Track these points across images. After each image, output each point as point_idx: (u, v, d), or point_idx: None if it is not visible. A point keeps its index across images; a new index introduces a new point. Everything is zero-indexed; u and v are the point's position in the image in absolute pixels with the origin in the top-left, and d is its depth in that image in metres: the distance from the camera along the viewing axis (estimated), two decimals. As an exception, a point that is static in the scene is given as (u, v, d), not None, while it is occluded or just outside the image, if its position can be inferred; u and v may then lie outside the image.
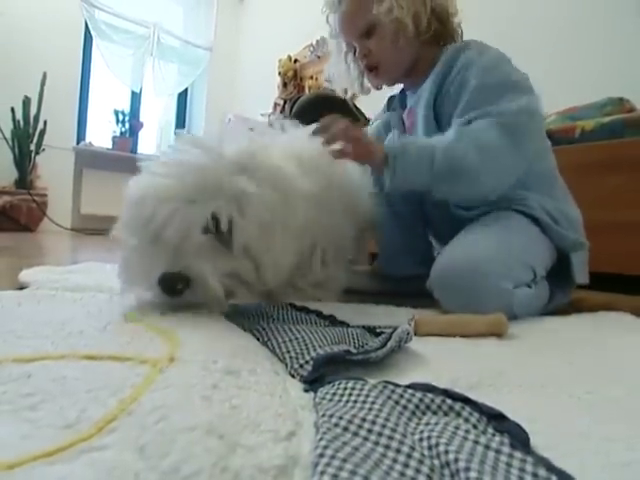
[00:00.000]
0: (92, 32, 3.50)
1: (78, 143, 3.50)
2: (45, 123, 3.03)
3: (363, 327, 0.51)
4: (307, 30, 3.22)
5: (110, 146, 3.63)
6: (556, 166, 0.81)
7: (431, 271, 0.66)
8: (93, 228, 3.41)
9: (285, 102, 3.03)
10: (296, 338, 0.41)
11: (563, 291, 0.74)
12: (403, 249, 0.90)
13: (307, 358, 0.36)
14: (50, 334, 0.36)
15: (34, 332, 0.36)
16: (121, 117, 3.66)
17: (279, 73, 3.18)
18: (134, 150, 3.82)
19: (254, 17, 4.06)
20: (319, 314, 0.59)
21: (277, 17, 3.69)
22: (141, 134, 3.94)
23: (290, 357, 0.37)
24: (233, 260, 0.52)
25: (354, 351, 0.37)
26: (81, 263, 1.05)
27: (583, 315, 0.62)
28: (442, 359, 0.40)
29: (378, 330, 0.49)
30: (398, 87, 1.03)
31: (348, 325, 0.53)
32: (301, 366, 0.35)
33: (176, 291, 0.47)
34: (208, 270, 0.48)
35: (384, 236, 0.88)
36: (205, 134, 0.59)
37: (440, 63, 0.80)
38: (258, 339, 0.45)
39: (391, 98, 1.03)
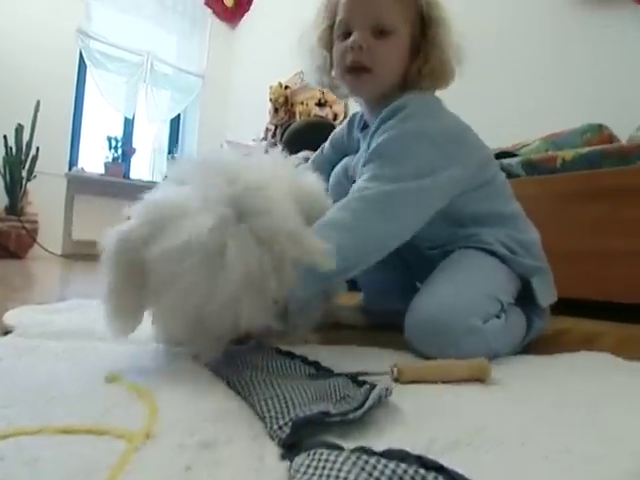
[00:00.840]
0: (86, 61, 3.56)
1: (70, 169, 3.51)
2: (37, 150, 3.05)
3: (346, 376, 0.51)
4: (297, 57, 3.31)
5: (102, 172, 3.64)
6: (510, 195, 0.80)
7: (405, 325, 0.65)
8: (84, 253, 3.39)
9: (276, 127, 3.08)
10: (277, 395, 0.41)
11: (539, 316, 0.74)
12: (385, 286, 0.90)
13: (286, 419, 0.36)
14: (29, 399, 0.35)
15: (13, 398, 0.36)
16: (114, 143, 3.69)
17: (270, 99, 3.24)
18: (127, 175, 3.84)
19: (246, 45, 4.15)
20: (304, 359, 0.59)
21: (268, 45, 3.78)
22: (134, 159, 3.98)
23: (270, 417, 0.38)
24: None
25: (333, 411, 0.37)
26: (68, 300, 1.04)
27: (564, 356, 0.62)
28: (422, 414, 0.40)
29: (361, 379, 0.49)
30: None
31: (332, 373, 0.54)
32: (280, 428, 0.36)
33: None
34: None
35: (366, 274, 0.87)
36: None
37: (379, 119, 0.73)
38: (240, 394, 0.45)
39: (355, 116, 0.92)
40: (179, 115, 4.21)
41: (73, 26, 3.46)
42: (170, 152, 4.20)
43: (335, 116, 2.86)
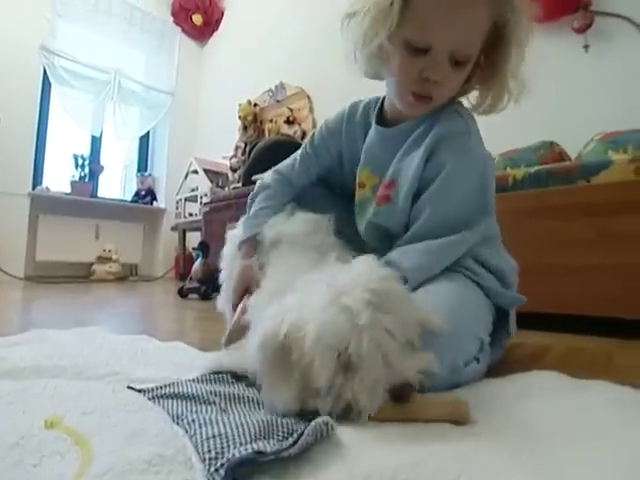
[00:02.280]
0: (51, 79, 3.50)
1: (34, 188, 3.41)
2: (-2, 169, 2.95)
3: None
4: (266, 75, 3.35)
5: (69, 191, 3.55)
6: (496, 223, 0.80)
7: None
8: (49, 275, 3.28)
9: (246, 145, 3.10)
10: (219, 434, 0.42)
11: (500, 343, 0.75)
12: None
13: (223, 461, 0.37)
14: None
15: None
16: (80, 161, 3.61)
17: (239, 117, 3.26)
18: (94, 194, 3.76)
19: (215, 63, 4.18)
20: (260, 387, 0.60)
21: (237, 63, 3.81)
22: (102, 178, 3.90)
23: (209, 458, 0.38)
24: None
25: (268, 450, 0.38)
26: (28, 332, 1.00)
27: (516, 378, 0.64)
28: (365, 449, 0.41)
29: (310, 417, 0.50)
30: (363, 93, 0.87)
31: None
32: (216, 470, 0.36)
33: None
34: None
35: None
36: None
37: (433, 134, 0.70)
38: (187, 432, 0.45)
39: (354, 106, 0.86)
40: (148, 132, 4.16)
41: (36, 43, 3.40)
42: (139, 170, 4.15)
43: (304, 133, 2.89)
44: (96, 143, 3.88)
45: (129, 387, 0.58)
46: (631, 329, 1.04)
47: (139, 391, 0.57)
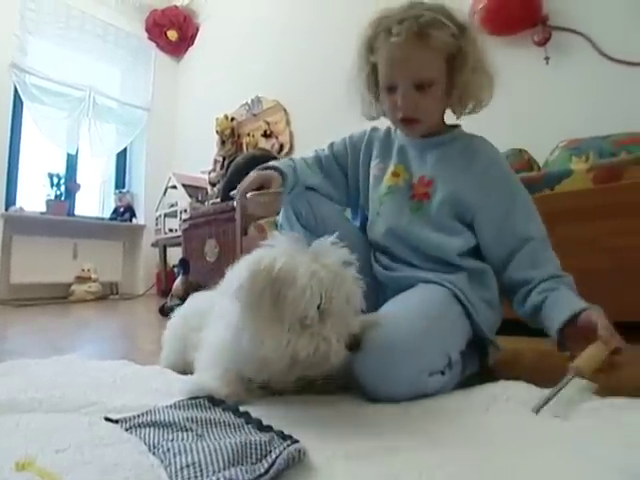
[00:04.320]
0: (22, 97, 3.44)
1: (7, 209, 3.34)
2: (-32, 192, 2.88)
3: (274, 432, 0.53)
4: (242, 89, 3.38)
5: (44, 210, 3.49)
6: None
7: (359, 355, 0.63)
8: (25, 298, 3.20)
9: (224, 159, 3.10)
10: (193, 463, 0.43)
11: (473, 362, 0.77)
12: None
13: (196, 491, 0.38)
14: None
15: None
16: (56, 180, 3.55)
17: (217, 131, 3.27)
18: (71, 213, 3.70)
19: (191, 78, 4.19)
20: (235, 411, 0.61)
21: (213, 77, 3.83)
22: (79, 196, 3.84)
23: (183, 489, 0.39)
24: None
25: (240, 478, 0.39)
26: (3, 362, 0.98)
27: (485, 388, 0.67)
28: (334, 470, 0.43)
29: (287, 433, 0.52)
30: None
31: (260, 426, 0.55)
32: (189, 501, 0.37)
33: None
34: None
35: None
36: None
37: (462, 143, 0.86)
38: (162, 462, 0.46)
39: (375, 130, 0.99)
40: (125, 149, 4.13)
41: (6, 61, 3.35)
42: (117, 187, 4.10)
43: (281, 146, 2.92)
44: (72, 161, 3.82)
45: (106, 418, 0.59)
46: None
47: (116, 422, 0.58)
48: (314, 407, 0.62)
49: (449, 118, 0.92)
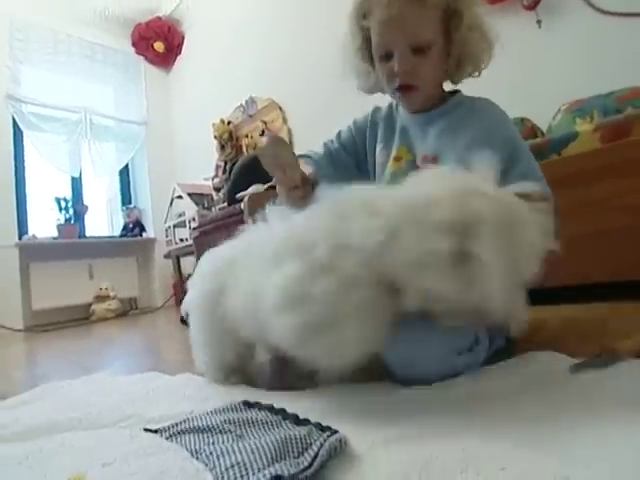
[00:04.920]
0: (21, 126, 3.49)
1: (20, 238, 3.39)
2: (-18, 225, 2.94)
3: (312, 424, 0.53)
4: (235, 91, 3.37)
5: (56, 235, 3.54)
6: None
7: (385, 342, 0.62)
8: (48, 323, 3.27)
9: (226, 163, 3.11)
10: (237, 463, 0.44)
11: (499, 336, 0.75)
12: None
13: (244, 490, 0.39)
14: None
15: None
16: (63, 204, 3.60)
17: (215, 137, 3.27)
18: (82, 234, 3.75)
19: (182, 87, 4.19)
20: (271, 409, 0.62)
21: (205, 83, 3.83)
22: (88, 216, 3.89)
23: (231, 489, 0.40)
24: None
25: (286, 474, 0.40)
26: (37, 387, 1.00)
27: (513, 363, 0.67)
28: (376, 456, 0.43)
29: (325, 425, 0.52)
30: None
31: (297, 421, 0.56)
32: (239, 501, 0.38)
33: None
34: None
35: None
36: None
37: (465, 108, 0.82)
38: (207, 465, 0.47)
39: (377, 110, 0.96)
40: (127, 165, 4.16)
41: (1, 92, 3.39)
42: (124, 203, 4.14)
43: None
44: (77, 183, 3.87)
45: (145, 429, 0.60)
46: (621, 292, 1.07)
47: (155, 431, 0.59)
48: (347, 397, 0.63)
49: (448, 86, 0.89)
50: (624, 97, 1.41)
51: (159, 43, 4.04)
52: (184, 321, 2.18)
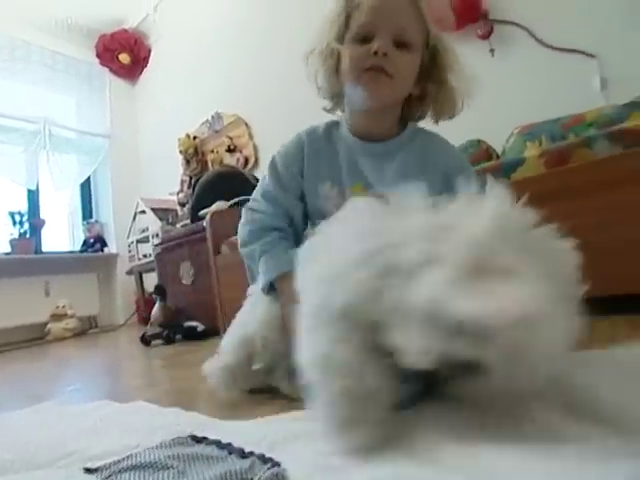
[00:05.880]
0: (-28, 136, 3.33)
1: (-30, 254, 3.21)
2: None
3: (256, 456, 0.53)
4: (201, 106, 3.35)
5: (9, 250, 3.37)
6: None
7: None
8: (0, 344, 3.08)
9: (191, 178, 3.08)
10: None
11: None
12: None
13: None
14: None
15: None
16: (18, 218, 3.43)
17: (180, 151, 3.24)
18: (38, 250, 3.59)
19: (149, 99, 4.13)
20: (218, 443, 0.61)
21: (171, 97, 3.79)
22: (46, 231, 3.73)
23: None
24: None
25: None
26: None
27: None
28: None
29: (268, 457, 0.52)
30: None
31: (243, 454, 0.56)
32: None
33: None
34: None
35: None
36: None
37: (420, 147, 0.77)
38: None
39: (312, 136, 0.84)
40: (89, 178, 4.04)
41: (-48, 101, 3.24)
42: (85, 217, 4.01)
43: (246, 160, 2.92)
44: (33, 196, 3.71)
45: (85, 469, 0.57)
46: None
47: (95, 470, 0.57)
48: (297, 424, 0.63)
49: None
50: (567, 124, 1.51)
51: (125, 55, 3.98)
52: (145, 340, 2.13)
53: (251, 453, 0.54)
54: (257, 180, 2.19)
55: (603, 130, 1.16)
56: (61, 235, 3.93)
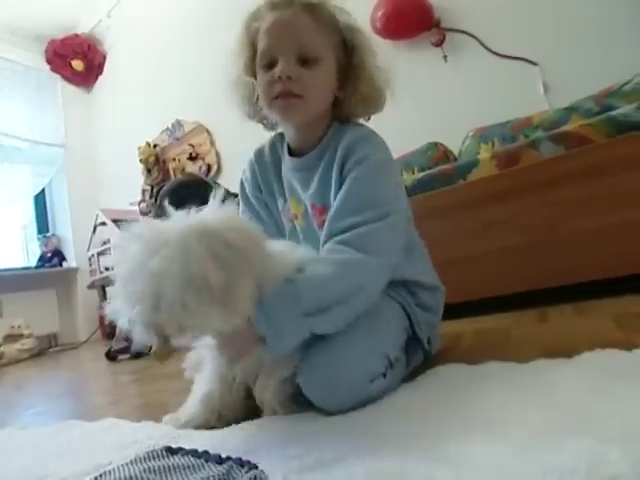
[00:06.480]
0: None
1: None
2: None
3: (232, 461, 0.54)
4: (161, 114, 3.29)
5: (-44, 270, 3.16)
6: (417, 239, 0.86)
7: (299, 368, 0.65)
8: (-51, 370, 2.87)
9: (152, 187, 3.01)
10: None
11: (416, 352, 0.80)
12: None
13: None
14: None
15: None
16: (-35, 235, 3.24)
17: (140, 160, 3.16)
18: (-11, 267, 3.39)
19: (105, 107, 4.00)
20: (194, 453, 0.61)
21: (129, 105, 3.69)
22: (-5, 247, 3.53)
23: None
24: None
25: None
26: None
27: (423, 378, 0.72)
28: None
29: (245, 460, 0.53)
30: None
31: (220, 460, 0.56)
32: None
33: None
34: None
35: None
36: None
37: (342, 146, 0.74)
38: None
39: (260, 158, 0.88)
40: (44, 190, 3.86)
41: None
42: (41, 231, 3.82)
43: (209, 167, 2.89)
44: (-18, 211, 3.51)
45: (55, 491, 0.56)
46: (524, 301, 1.20)
47: (66, 492, 0.55)
48: (271, 429, 0.64)
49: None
50: (516, 126, 1.60)
51: (78, 61, 3.84)
52: (110, 355, 2.05)
53: (228, 458, 0.54)
54: (220, 186, 2.18)
55: (547, 133, 1.25)
56: (14, 251, 3.73)
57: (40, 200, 3.89)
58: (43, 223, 3.90)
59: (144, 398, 1.15)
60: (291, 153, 0.84)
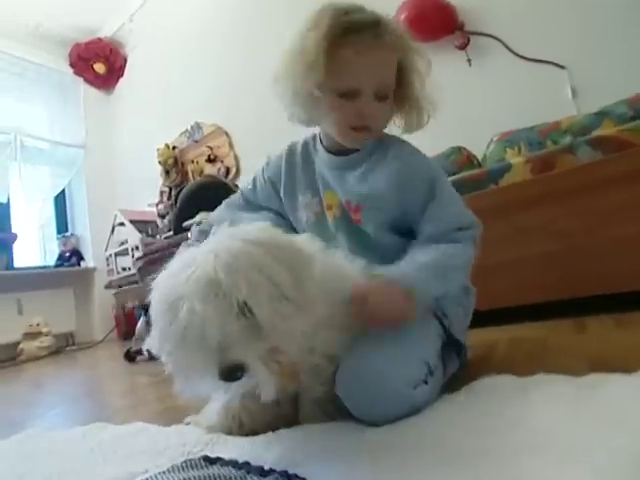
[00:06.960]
0: (-63, 149, 3.18)
1: (-64, 273, 3.05)
2: None
3: (278, 474, 0.52)
4: (180, 116, 3.31)
5: (-22, 268, 3.21)
6: None
7: (337, 379, 0.64)
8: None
9: (171, 189, 3.02)
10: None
11: (452, 359, 0.78)
12: None
13: None
14: None
15: None
16: (-13, 233, 3.29)
17: (159, 162, 3.18)
18: (10, 266, 3.43)
19: (125, 109, 4.05)
20: (235, 464, 0.59)
21: (149, 107, 3.73)
22: (17, 246, 3.57)
23: None
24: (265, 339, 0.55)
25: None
26: None
27: (471, 390, 0.70)
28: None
29: (292, 474, 0.51)
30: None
31: (263, 473, 0.54)
32: None
33: (237, 377, 0.53)
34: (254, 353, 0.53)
35: None
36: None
37: (394, 160, 0.78)
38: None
39: (293, 150, 0.92)
40: (64, 190, 3.91)
41: None
42: (60, 231, 3.87)
43: (227, 170, 2.89)
44: (4, 210, 3.56)
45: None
46: (558, 310, 1.16)
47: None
48: (312, 441, 0.61)
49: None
50: (544, 131, 1.56)
51: (100, 64, 3.90)
52: (129, 356, 2.05)
53: (272, 470, 0.52)
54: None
55: (585, 137, 1.21)
56: (33, 250, 3.78)
57: (60, 200, 3.95)
58: (62, 223, 3.95)
59: (165, 402, 1.13)
60: (328, 149, 0.87)
